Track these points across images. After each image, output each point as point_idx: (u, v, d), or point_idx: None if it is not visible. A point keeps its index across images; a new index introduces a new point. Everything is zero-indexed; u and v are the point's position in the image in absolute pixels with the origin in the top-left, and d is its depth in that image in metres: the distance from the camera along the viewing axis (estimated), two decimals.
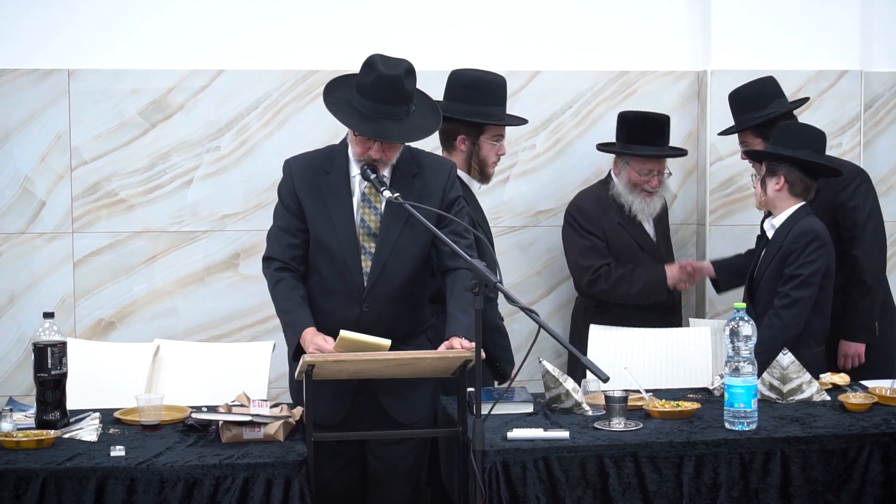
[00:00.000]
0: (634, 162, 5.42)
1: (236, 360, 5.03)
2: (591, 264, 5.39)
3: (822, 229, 4.91)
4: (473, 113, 4.93)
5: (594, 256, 5.40)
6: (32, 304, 5.57)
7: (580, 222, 5.45)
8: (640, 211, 5.45)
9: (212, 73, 5.66)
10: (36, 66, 5.55)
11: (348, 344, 3.92)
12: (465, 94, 4.95)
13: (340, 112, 4.16)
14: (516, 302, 3.62)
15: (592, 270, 5.38)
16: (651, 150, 5.40)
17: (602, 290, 5.39)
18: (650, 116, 5.50)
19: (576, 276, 5.54)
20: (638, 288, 5.38)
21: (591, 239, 5.42)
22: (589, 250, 5.42)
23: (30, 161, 5.58)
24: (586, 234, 5.43)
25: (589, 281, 5.39)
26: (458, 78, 5.03)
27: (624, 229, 5.45)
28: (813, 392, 4.47)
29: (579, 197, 5.57)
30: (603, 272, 5.37)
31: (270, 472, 3.72)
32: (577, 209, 5.49)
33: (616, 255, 5.42)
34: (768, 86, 5.45)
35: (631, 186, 5.44)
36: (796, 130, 5.07)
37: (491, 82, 5.03)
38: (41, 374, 4.02)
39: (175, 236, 5.69)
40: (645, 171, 5.42)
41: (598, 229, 5.43)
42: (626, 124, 5.48)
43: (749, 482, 3.92)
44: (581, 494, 3.84)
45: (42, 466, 3.65)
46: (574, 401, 4.31)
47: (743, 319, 4.09)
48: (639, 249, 5.46)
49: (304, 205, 4.26)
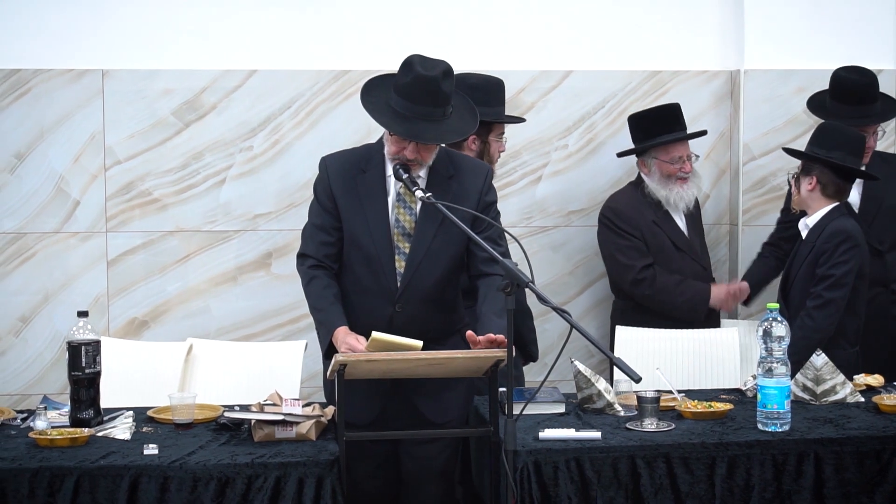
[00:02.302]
0: (662, 153, 5.43)
1: (268, 359, 5.04)
2: (632, 263, 5.38)
3: (854, 229, 4.88)
4: (484, 113, 4.98)
5: (634, 255, 5.40)
6: (67, 302, 5.60)
7: (616, 223, 5.44)
8: (679, 200, 5.44)
9: (245, 73, 5.68)
10: (70, 67, 5.59)
11: (380, 345, 3.93)
12: (474, 96, 4.99)
13: (377, 111, 4.17)
14: (548, 302, 3.61)
15: (637, 270, 5.37)
16: (675, 136, 5.42)
17: (645, 294, 5.38)
18: (661, 107, 5.53)
19: (616, 277, 5.51)
20: (680, 301, 5.37)
21: (629, 238, 5.41)
22: (628, 249, 5.41)
23: (64, 161, 5.61)
24: (624, 233, 5.42)
25: (634, 280, 5.38)
26: (462, 81, 5.05)
27: (659, 227, 5.44)
28: (847, 393, 4.44)
29: (612, 199, 5.57)
30: (648, 275, 5.36)
31: (302, 472, 3.72)
32: (612, 210, 5.48)
33: (652, 255, 5.40)
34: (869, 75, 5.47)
35: (664, 179, 5.44)
36: (833, 131, 5.03)
37: (495, 84, 5.23)
38: (75, 373, 4.04)
39: (208, 236, 5.71)
40: (675, 158, 5.42)
41: (635, 228, 5.42)
42: (640, 122, 5.50)
43: (782, 484, 3.90)
44: (613, 495, 3.83)
45: (76, 464, 3.67)
46: (606, 401, 4.30)
47: (776, 320, 4.07)
48: (674, 248, 5.45)
49: (339, 203, 4.26)
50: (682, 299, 5.37)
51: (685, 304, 5.39)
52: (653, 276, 5.37)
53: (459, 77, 5.06)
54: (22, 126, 5.58)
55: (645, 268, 5.37)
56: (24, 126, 5.58)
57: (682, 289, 5.38)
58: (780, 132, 5.82)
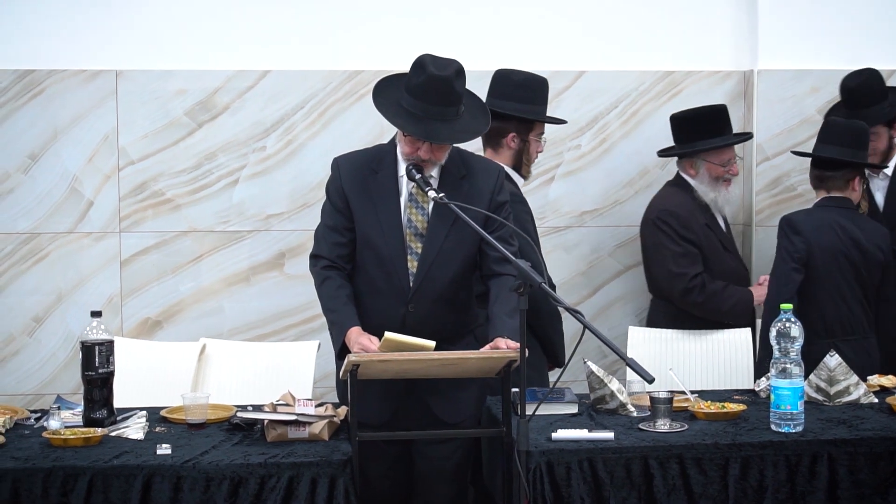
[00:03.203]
0: (712, 156, 5.38)
1: (281, 359, 5.05)
2: (685, 272, 5.27)
3: (800, 219, 5.03)
4: (527, 111, 4.97)
5: (687, 263, 5.28)
6: (80, 302, 5.62)
7: (676, 228, 5.31)
8: (725, 203, 5.42)
9: (258, 73, 5.69)
10: (84, 67, 5.60)
11: (393, 345, 3.93)
12: (518, 94, 5.01)
13: (389, 112, 4.16)
14: (561, 302, 3.62)
15: (688, 278, 5.26)
16: (729, 140, 5.39)
17: (695, 302, 5.27)
18: (709, 108, 5.46)
19: (666, 284, 5.36)
20: (728, 306, 5.32)
21: (684, 245, 5.30)
22: (682, 257, 5.29)
23: (78, 161, 5.63)
24: (682, 240, 5.30)
25: (685, 290, 5.27)
26: (508, 77, 5.06)
27: (710, 230, 5.37)
28: (860, 394, 4.43)
29: (664, 202, 5.42)
30: (698, 283, 5.25)
31: (315, 472, 3.73)
32: (671, 214, 5.34)
33: (706, 258, 5.33)
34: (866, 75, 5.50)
35: (713, 181, 5.39)
36: (827, 126, 5.16)
37: (540, 82, 5.13)
38: (89, 373, 4.05)
39: (221, 236, 5.72)
40: (725, 160, 5.39)
41: (693, 234, 5.32)
42: (686, 123, 5.43)
43: (796, 485, 3.89)
44: (626, 496, 3.82)
45: (89, 464, 3.68)
46: (619, 402, 4.29)
47: (790, 321, 4.06)
48: (723, 249, 5.40)
49: (351, 204, 4.26)
50: (728, 304, 5.31)
51: (732, 309, 5.33)
52: (702, 284, 5.25)
53: (504, 73, 5.10)
54: (36, 126, 5.59)
55: (696, 276, 5.26)
56: (37, 126, 5.60)
57: (728, 294, 5.31)
58: (793, 132, 5.81)
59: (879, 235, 5.07)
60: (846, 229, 4.99)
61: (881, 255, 5.04)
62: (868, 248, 5.01)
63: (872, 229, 5.07)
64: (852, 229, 5.00)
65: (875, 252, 5.03)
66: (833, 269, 4.97)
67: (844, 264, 4.98)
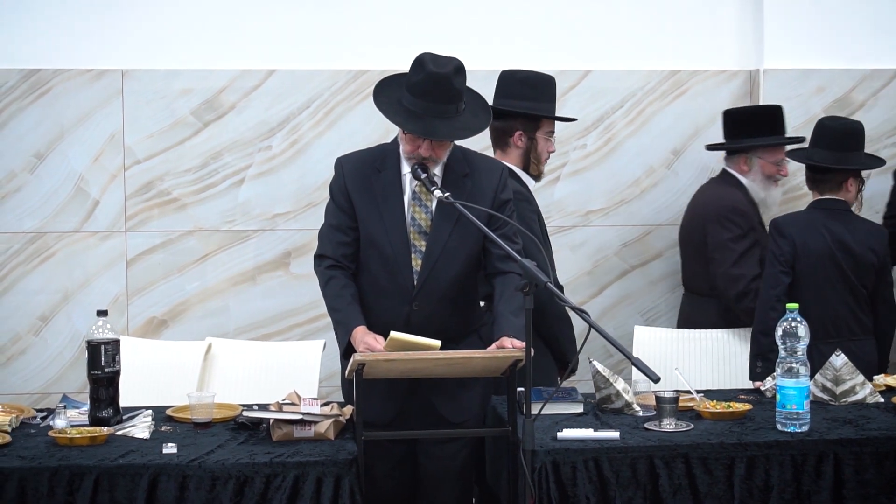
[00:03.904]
0: (768, 154, 5.36)
1: (287, 358, 5.06)
2: (743, 273, 5.18)
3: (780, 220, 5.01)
4: (532, 108, 4.94)
5: (748, 265, 5.20)
6: (86, 302, 5.63)
7: (741, 226, 5.23)
8: (773, 204, 5.41)
9: (263, 73, 5.69)
10: (90, 67, 5.61)
11: (398, 345, 3.93)
12: (523, 92, 4.97)
13: (390, 111, 4.17)
14: (567, 302, 3.62)
15: (747, 281, 5.16)
16: (783, 139, 5.38)
17: (749, 307, 5.12)
18: (766, 107, 5.47)
19: (722, 285, 5.24)
20: None
21: (748, 244, 5.22)
22: (744, 258, 5.20)
23: (84, 160, 5.63)
24: (745, 239, 5.22)
25: (741, 293, 5.18)
26: (512, 76, 5.04)
27: (764, 228, 5.29)
28: (866, 394, 4.43)
29: (726, 199, 5.33)
30: (754, 287, 5.11)
31: (321, 471, 3.73)
32: (736, 212, 5.26)
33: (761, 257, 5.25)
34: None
35: (766, 179, 5.38)
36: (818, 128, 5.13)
37: (545, 80, 5.07)
38: (95, 372, 4.06)
39: (227, 235, 5.73)
40: (779, 160, 5.37)
41: (755, 233, 5.26)
42: (742, 118, 5.41)
43: (801, 484, 3.89)
44: (631, 495, 3.82)
45: (95, 463, 3.68)
46: (625, 401, 4.29)
47: (796, 320, 4.05)
48: None
49: (355, 203, 4.27)
50: None
51: None
52: (757, 289, 5.08)
53: (508, 72, 5.07)
54: (41, 126, 5.60)
55: (754, 279, 5.15)
56: (43, 126, 5.60)
57: None
58: (798, 132, 5.79)
59: (873, 237, 5.00)
60: (833, 231, 4.92)
61: (873, 257, 4.96)
62: (858, 250, 4.93)
63: (866, 231, 5.00)
64: (841, 231, 4.93)
65: (866, 254, 4.94)
66: (818, 271, 4.92)
67: (830, 266, 4.92)
